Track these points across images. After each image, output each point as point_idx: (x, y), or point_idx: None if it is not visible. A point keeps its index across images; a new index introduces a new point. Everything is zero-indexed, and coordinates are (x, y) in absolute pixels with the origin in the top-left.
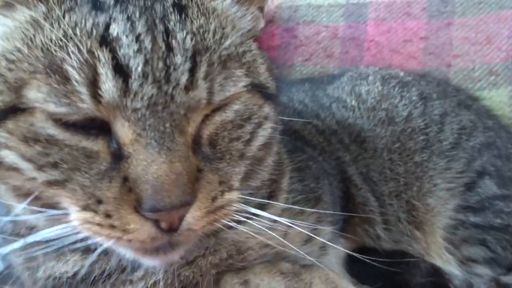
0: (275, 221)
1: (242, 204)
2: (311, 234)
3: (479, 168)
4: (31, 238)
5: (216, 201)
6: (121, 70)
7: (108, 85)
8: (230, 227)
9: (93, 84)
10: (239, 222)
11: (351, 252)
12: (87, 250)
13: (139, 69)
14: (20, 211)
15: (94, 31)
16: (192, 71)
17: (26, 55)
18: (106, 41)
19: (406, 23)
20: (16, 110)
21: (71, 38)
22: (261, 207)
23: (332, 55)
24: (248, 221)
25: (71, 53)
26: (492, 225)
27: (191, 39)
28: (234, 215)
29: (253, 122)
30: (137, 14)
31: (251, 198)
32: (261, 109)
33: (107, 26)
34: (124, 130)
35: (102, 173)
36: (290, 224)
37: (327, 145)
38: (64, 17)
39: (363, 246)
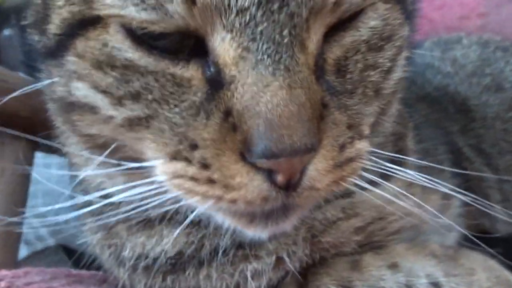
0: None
1: (376, 159)
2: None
3: None
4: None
5: (345, 151)
6: None
7: None
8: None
9: None
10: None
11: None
12: (190, 224)
13: None
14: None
15: None
16: None
17: None
18: None
19: None
20: (86, 24)
21: None
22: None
23: None
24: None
25: None
26: None
27: None
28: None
29: (394, 46)
30: None
31: (383, 153)
32: (403, 28)
33: None
34: (224, 46)
35: (196, 107)
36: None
37: (430, 113)
38: None
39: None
